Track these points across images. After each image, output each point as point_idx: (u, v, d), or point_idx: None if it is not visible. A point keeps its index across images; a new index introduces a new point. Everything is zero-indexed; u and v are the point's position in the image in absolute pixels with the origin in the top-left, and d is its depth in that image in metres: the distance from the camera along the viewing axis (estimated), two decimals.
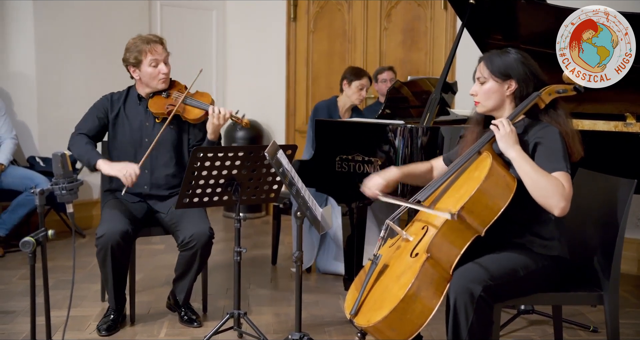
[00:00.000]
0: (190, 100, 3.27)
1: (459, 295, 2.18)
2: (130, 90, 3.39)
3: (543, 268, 2.33)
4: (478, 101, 2.45)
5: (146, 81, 3.29)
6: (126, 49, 3.29)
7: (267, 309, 3.58)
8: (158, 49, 3.27)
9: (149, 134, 3.30)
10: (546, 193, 2.21)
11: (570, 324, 3.28)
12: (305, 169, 3.74)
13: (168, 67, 3.29)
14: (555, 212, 2.22)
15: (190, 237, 3.12)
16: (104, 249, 3.06)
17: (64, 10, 5.22)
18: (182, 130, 3.35)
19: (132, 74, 3.31)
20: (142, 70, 3.26)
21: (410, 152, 3.37)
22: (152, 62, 3.24)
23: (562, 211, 2.22)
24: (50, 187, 2.33)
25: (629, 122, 3.48)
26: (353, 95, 4.50)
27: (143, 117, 3.33)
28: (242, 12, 6.38)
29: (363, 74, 4.53)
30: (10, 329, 3.22)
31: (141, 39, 3.28)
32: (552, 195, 2.20)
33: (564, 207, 2.21)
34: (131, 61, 3.26)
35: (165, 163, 3.33)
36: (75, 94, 5.28)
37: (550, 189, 2.20)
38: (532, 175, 2.23)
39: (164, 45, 3.31)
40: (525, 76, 2.37)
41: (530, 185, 2.23)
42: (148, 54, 3.23)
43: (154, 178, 3.33)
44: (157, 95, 3.32)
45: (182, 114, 3.25)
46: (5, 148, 4.68)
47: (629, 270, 4.28)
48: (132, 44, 3.28)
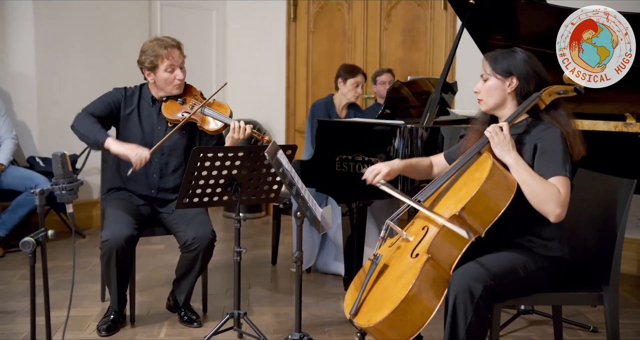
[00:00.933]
0: (209, 111, 3.20)
1: (459, 293, 2.18)
2: (143, 90, 3.31)
3: (543, 268, 2.33)
4: (481, 99, 2.45)
5: (161, 86, 3.22)
6: (142, 52, 3.22)
7: (267, 309, 3.58)
8: (175, 54, 3.18)
9: (160, 138, 3.17)
10: (542, 200, 2.23)
11: (570, 324, 3.28)
12: (305, 169, 3.74)
13: (184, 72, 3.22)
14: (550, 219, 2.25)
15: (192, 239, 3.12)
16: (108, 253, 3.04)
17: (64, 10, 5.22)
18: (194, 137, 3.31)
19: (147, 77, 3.25)
20: (158, 75, 3.20)
21: (410, 152, 3.37)
22: (169, 67, 3.17)
23: (557, 218, 2.24)
24: (50, 187, 2.33)
25: (629, 122, 3.48)
26: (349, 93, 4.51)
27: (155, 121, 3.28)
28: (242, 12, 6.38)
29: (357, 71, 4.54)
30: (10, 329, 3.22)
31: (159, 43, 3.19)
32: (548, 202, 2.22)
33: (559, 214, 2.23)
34: (147, 65, 3.19)
35: (175, 169, 3.30)
36: (76, 94, 5.27)
37: (546, 195, 2.22)
38: (529, 181, 2.25)
39: (181, 50, 3.23)
40: (526, 74, 2.37)
41: (527, 191, 2.25)
42: (165, 59, 3.16)
43: (162, 183, 3.30)
44: (171, 99, 3.25)
45: (201, 125, 3.19)
46: (5, 148, 4.68)
47: (629, 270, 4.28)
48: (148, 47, 3.20)
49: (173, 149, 3.26)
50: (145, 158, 3.04)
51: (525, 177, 2.26)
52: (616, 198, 2.41)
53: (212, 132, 3.23)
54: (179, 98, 3.25)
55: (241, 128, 3.11)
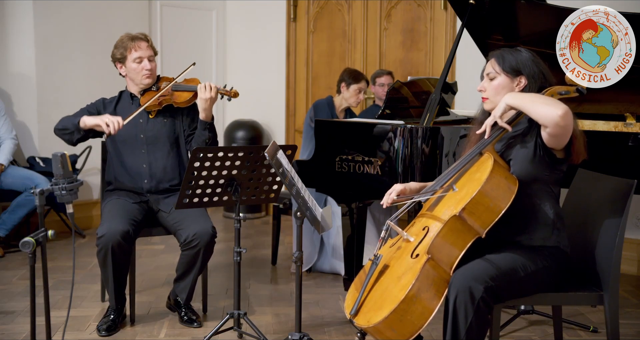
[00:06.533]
0: (178, 86, 3.37)
1: (459, 293, 2.18)
2: (123, 94, 3.48)
3: (543, 268, 2.33)
4: (486, 97, 2.44)
5: (132, 77, 3.38)
6: (114, 46, 3.41)
7: (267, 309, 3.58)
8: (142, 45, 3.35)
9: (143, 129, 3.37)
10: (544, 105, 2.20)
11: (570, 324, 3.28)
12: (305, 169, 3.74)
13: (152, 64, 3.37)
14: (558, 119, 2.17)
15: (193, 235, 3.13)
16: (104, 249, 3.06)
17: (64, 10, 5.22)
18: (176, 120, 3.43)
19: (120, 70, 3.41)
20: (128, 66, 3.36)
21: (410, 152, 3.37)
22: (137, 59, 3.33)
23: (562, 119, 2.17)
24: (50, 188, 2.33)
25: (629, 122, 3.48)
26: (351, 98, 4.54)
27: (137, 115, 3.36)
28: (242, 12, 6.39)
29: (361, 77, 4.56)
30: (10, 329, 3.22)
31: (127, 36, 3.39)
32: (550, 104, 2.19)
33: (563, 114, 2.17)
34: (117, 57, 3.37)
35: (163, 156, 3.38)
36: (76, 94, 5.28)
37: (548, 100, 2.21)
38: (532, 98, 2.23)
39: (149, 43, 3.40)
40: (535, 74, 2.38)
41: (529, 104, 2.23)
42: (132, 50, 3.33)
43: (152, 171, 3.36)
44: (147, 91, 3.40)
45: (173, 101, 3.35)
46: (5, 148, 4.68)
47: (629, 270, 4.28)
48: (119, 41, 3.40)
49: (157, 137, 3.37)
50: (118, 122, 3.16)
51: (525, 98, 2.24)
52: (616, 198, 2.41)
53: (184, 104, 3.36)
54: (153, 86, 3.41)
55: (207, 86, 3.25)
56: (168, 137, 3.39)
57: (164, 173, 3.38)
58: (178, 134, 3.42)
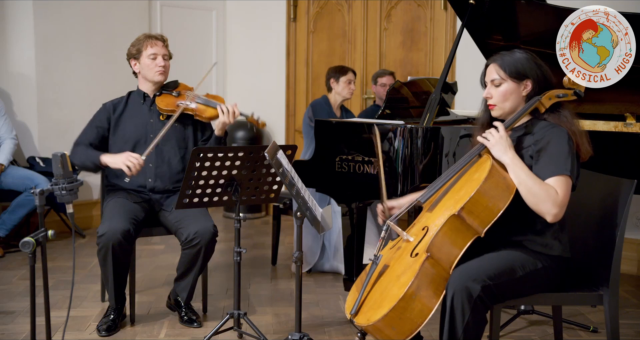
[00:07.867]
0: (205, 100, 3.40)
1: (456, 293, 2.18)
2: (132, 94, 3.49)
3: (542, 268, 2.33)
4: (494, 104, 2.41)
5: (144, 73, 3.41)
6: (131, 44, 3.46)
7: (267, 309, 3.58)
8: (158, 43, 3.42)
9: (154, 130, 3.39)
10: (538, 200, 2.22)
11: (570, 324, 3.28)
12: (305, 169, 3.74)
13: (166, 63, 3.41)
14: (547, 219, 2.24)
15: (194, 234, 3.14)
16: (104, 248, 3.06)
17: (64, 10, 5.22)
18: (188, 127, 3.45)
19: (133, 67, 3.45)
20: (142, 62, 3.40)
21: (410, 152, 3.37)
22: (152, 55, 3.38)
23: (555, 217, 2.23)
24: (50, 188, 2.33)
25: (629, 122, 3.48)
26: (343, 90, 4.59)
27: (147, 115, 3.42)
28: (242, 12, 6.39)
29: (346, 69, 4.65)
30: (10, 329, 3.22)
31: (145, 35, 3.48)
32: (544, 201, 2.21)
33: (556, 214, 2.22)
34: (133, 52, 3.42)
35: (170, 159, 3.40)
36: (76, 94, 5.28)
37: (542, 195, 2.21)
38: (526, 181, 2.24)
39: (165, 43, 3.46)
40: (538, 76, 2.37)
41: (524, 191, 2.25)
42: (148, 47, 3.39)
43: (159, 172, 3.38)
44: (165, 93, 3.42)
45: (197, 113, 3.37)
46: (5, 148, 4.68)
47: (629, 270, 4.28)
48: (136, 39, 3.47)
49: (167, 139, 3.37)
50: (138, 163, 3.16)
51: (521, 176, 2.25)
52: (616, 198, 2.40)
53: (207, 119, 3.41)
54: (174, 91, 3.43)
55: (229, 111, 3.30)
56: (178, 140, 3.42)
57: (170, 174, 3.40)
58: (187, 139, 3.44)
